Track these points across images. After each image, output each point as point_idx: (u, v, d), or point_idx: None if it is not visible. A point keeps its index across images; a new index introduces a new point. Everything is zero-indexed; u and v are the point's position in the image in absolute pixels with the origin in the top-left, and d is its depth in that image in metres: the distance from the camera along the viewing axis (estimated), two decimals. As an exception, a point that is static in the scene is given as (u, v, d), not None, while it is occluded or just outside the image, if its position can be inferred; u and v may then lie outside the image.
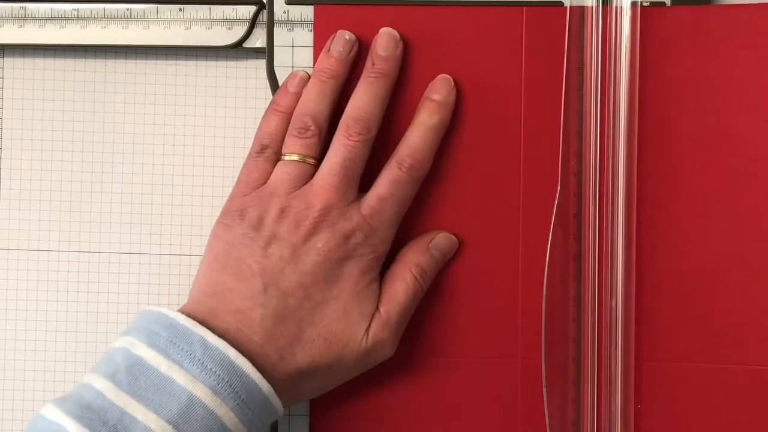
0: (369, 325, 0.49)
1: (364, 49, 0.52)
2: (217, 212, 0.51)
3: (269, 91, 0.53)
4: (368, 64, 0.52)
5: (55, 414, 0.44)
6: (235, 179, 0.51)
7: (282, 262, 0.48)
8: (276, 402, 0.47)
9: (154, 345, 0.46)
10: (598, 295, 0.52)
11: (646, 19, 0.52)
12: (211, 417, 0.45)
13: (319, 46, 0.53)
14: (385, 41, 0.52)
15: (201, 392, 0.45)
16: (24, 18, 0.54)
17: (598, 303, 0.52)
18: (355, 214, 0.49)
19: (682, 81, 0.52)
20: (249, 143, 0.52)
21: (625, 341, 0.52)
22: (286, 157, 0.50)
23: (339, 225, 0.49)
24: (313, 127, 0.50)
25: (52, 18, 0.54)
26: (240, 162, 0.52)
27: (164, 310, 0.47)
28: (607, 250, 0.52)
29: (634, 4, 0.52)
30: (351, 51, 0.52)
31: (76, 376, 0.55)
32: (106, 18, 0.54)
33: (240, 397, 0.45)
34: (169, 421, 0.44)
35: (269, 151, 0.51)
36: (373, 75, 0.51)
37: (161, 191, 0.55)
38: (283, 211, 0.49)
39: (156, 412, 0.44)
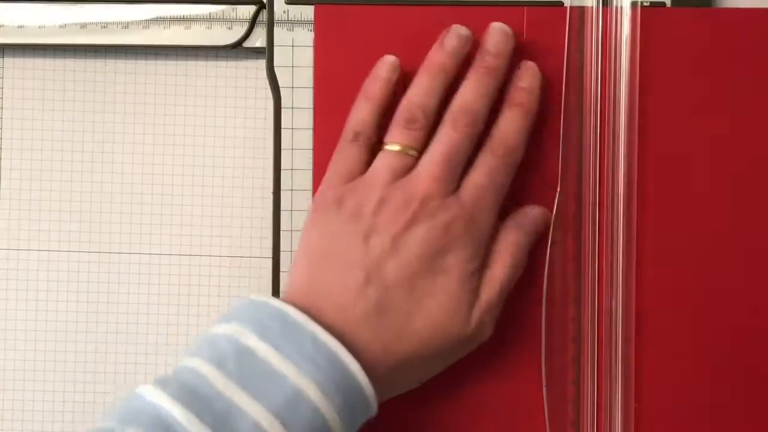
0: (471, 312, 0.49)
1: (366, 48, 0.52)
2: (218, 212, 0.51)
3: (269, 91, 0.53)
4: (479, 57, 0.51)
5: (158, 396, 0.43)
6: (235, 179, 0.51)
7: (383, 254, 0.48)
8: (374, 404, 0.46)
9: (265, 337, 0.45)
10: (598, 295, 0.52)
11: (646, 19, 0.52)
12: (316, 414, 0.44)
13: (319, 46, 0.53)
14: (496, 37, 0.51)
15: (309, 388, 0.44)
16: (24, 18, 0.54)
17: (598, 303, 0.52)
18: (454, 205, 0.48)
19: (681, 81, 0.52)
20: (249, 143, 0.52)
21: (625, 341, 0.52)
22: (389, 147, 0.49)
23: (438, 216, 0.48)
24: (421, 120, 0.49)
25: (52, 18, 0.54)
26: (241, 162, 0.52)
27: (273, 301, 0.46)
28: (607, 249, 0.52)
29: (634, 4, 0.52)
30: (465, 47, 0.51)
31: (77, 376, 0.55)
32: (106, 18, 0.54)
33: (346, 397, 0.45)
34: (276, 414, 0.43)
35: (362, 138, 0.50)
36: (483, 69, 0.50)
37: (161, 191, 0.55)
38: (382, 202, 0.48)
39: (263, 404, 0.43)
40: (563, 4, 0.53)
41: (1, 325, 0.55)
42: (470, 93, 0.50)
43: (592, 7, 0.52)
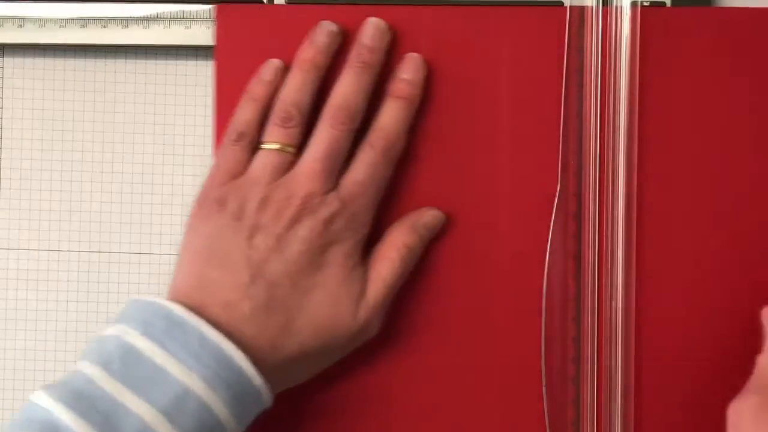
0: (357, 307, 0.49)
1: (270, 48, 0.52)
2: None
3: (269, 91, 0.53)
4: (354, 53, 0.51)
5: (46, 401, 0.44)
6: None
7: (267, 252, 0.48)
8: (266, 396, 0.47)
9: (149, 335, 0.45)
10: (598, 295, 0.52)
11: (646, 19, 0.52)
12: (204, 409, 0.44)
13: (221, 45, 0.53)
14: (372, 31, 0.52)
15: (195, 384, 0.44)
16: (24, 18, 0.54)
17: (598, 303, 0.52)
18: (334, 201, 0.49)
19: (681, 81, 0.52)
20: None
21: (625, 341, 0.52)
22: (266, 146, 0.50)
23: (320, 212, 0.49)
24: (296, 117, 0.50)
25: (52, 18, 0.54)
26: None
27: (159, 300, 0.47)
28: (607, 250, 0.52)
29: (634, 4, 0.52)
30: (334, 42, 0.52)
31: (76, 376, 0.55)
32: (106, 18, 0.54)
33: (234, 391, 0.45)
34: (162, 411, 0.44)
35: (246, 140, 0.51)
36: (359, 65, 0.51)
37: (161, 191, 0.55)
38: (265, 201, 0.49)
39: (149, 402, 0.44)
40: (563, 4, 0.53)
41: (1, 325, 0.55)
42: (347, 89, 0.51)
43: (592, 7, 0.52)
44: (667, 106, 0.52)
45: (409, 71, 0.52)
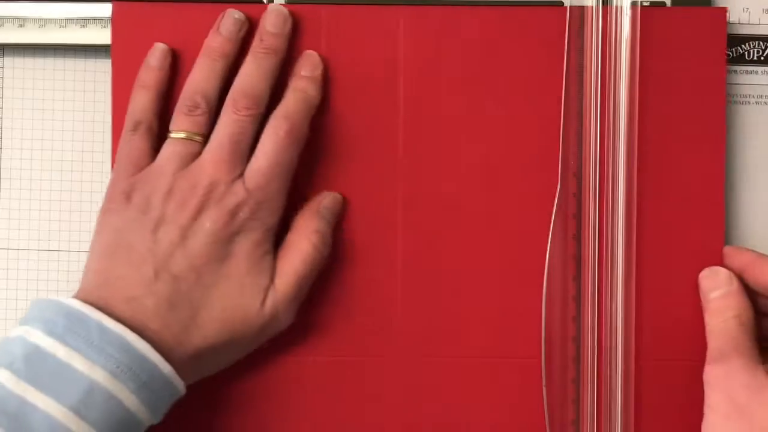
0: (265, 298, 0.49)
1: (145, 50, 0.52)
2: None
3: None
4: (256, 40, 0.51)
5: None
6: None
7: (171, 246, 0.48)
8: (177, 381, 0.46)
9: (51, 332, 0.45)
10: (598, 295, 0.52)
11: (646, 19, 0.52)
12: (112, 401, 0.44)
13: (116, 44, 0.52)
14: (273, 17, 0.51)
15: (101, 377, 0.44)
16: (24, 18, 0.54)
17: (598, 303, 0.52)
18: (240, 189, 0.49)
19: (681, 81, 0.52)
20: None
21: (625, 341, 0.52)
22: (173, 135, 0.50)
23: (225, 201, 0.48)
24: (203, 105, 0.50)
25: (52, 18, 0.54)
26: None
27: (59, 299, 0.46)
28: (607, 250, 0.52)
29: (634, 4, 0.52)
30: (240, 30, 0.51)
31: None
32: (105, 18, 0.54)
33: (141, 379, 0.45)
34: (71, 408, 0.44)
35: (143, 127, 0.50)
36: (262, 51, 0.51)
37: (161, 191, 0.55)
38: (170, 191, 0.49)
39: (56, 399, 0.44)
40: (563, 4, 0.53)
41: (2, 325, 0.55)
42: (249, 74, 0.50)
43: (592, 7, 0.52)
44: (667, 105, 0.52)
45: (307, 68, 0.52)
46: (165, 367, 0.46)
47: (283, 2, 0.53)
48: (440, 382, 0.52)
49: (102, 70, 0.55)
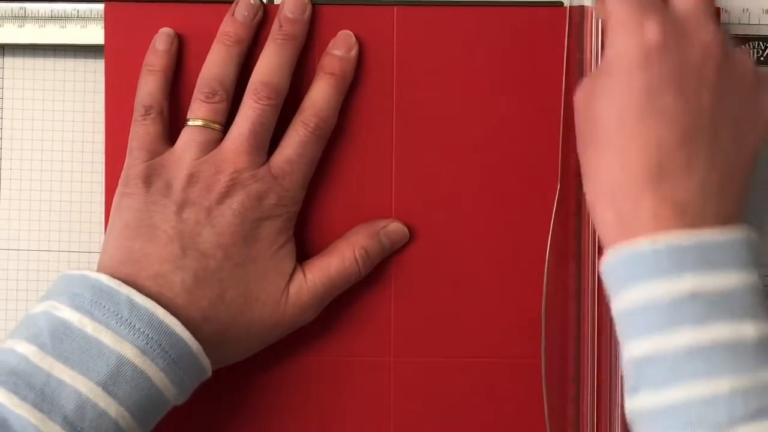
0: (288, 284, 0.49)
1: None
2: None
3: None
4: (275, 26, 0.51)
5: None
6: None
7: (198, 225, 0.48)
8: (205, 361, 0.46)
9: (78, 307, 0.45)
10: (598, 294, 0.52)
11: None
12: (141, 377, 0.44)
13: (110, 44, 0.52)
14: (292, 3, 0.51)
15: (130, 352, 0.44)
16: (24, 18, 0.54)
17: (597, 302, 0.52)
18: (266, 177, 0.49)
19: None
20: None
21: (625, 341, 0.52)
22: (191, 123, 0.50)
23: (252, 187, 0.49)
24: (220, 92, 0.50)
25: (52, 18, 0.54)
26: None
27: (86, 272, 0.46)
28: (607, 249, 0.52)
29: (633, 4, 0.52)
30: (256, 15, 0.51)
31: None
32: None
33: (170, 356, 0.45)
34: (98, 383, 0.44)
35: (154, 112, 0.50)
36: (281, 38, 0.51)
37: (161, 191, 0.55)
38: (192, 177, 0.49)
39: (84, 374, 0.44)
40: (563, 4, 0.53)
41: (2, 325, 0.55)
42: (269, 62, 0.50)
43: (592, 7, 0.52)
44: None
45: (340, 46, 0.51)
46: (193, 343, 0.46)
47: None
48: (440, 382, 0.52)
49: (102, 70, 0.55)
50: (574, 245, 0.52)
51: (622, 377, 0.51)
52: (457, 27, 0.53)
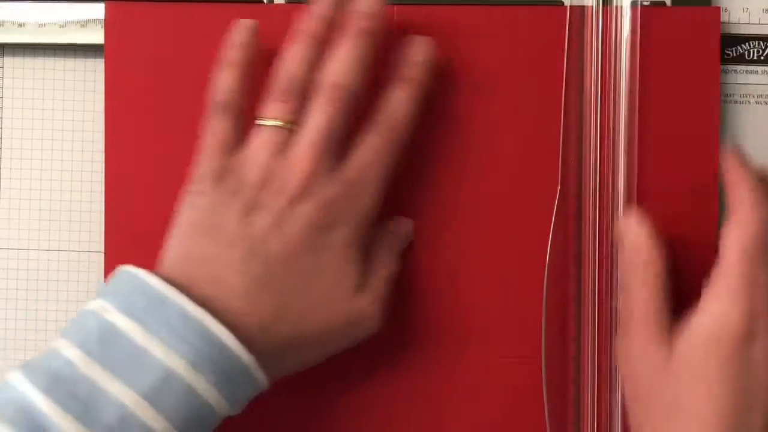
0: (355, 296, 0.48)
1: (159, 47, 0.52)
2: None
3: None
4: (350, 22, 0.48)
5: (23, 384, 0.42)
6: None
7: (266, 230, 0.46)
8: (259, 374, 0.45)
9: (128, 312, 0.43)
10: (598, 294, 0.52)
11: (646, 19, 0.52)
12: (189, 391, 0.43)
13: (110, 44, 0.52)
14: None
15: (179, 365, 0.42)
16: (24, 18, 0.54)
17: (598, 303, 0.52)
18: (338, 182, 0.47)
19: (681, 81, 0.52)
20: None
21: (625, 341, 0.52)
22: (264, 122, 0.48)
23: (323, 193, 0.47)
24: (295, 91, 0.48)
25: (52, 18, 0.54)
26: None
27: (141, 273, 0.44)
28: (607, 250, 0.52)
29: (634, 4, 0.52)
30: (331, 10, 0.49)
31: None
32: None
33: (221, 370, 0.43)
34: (144, 396, 0.42)
35: (231, 108, 0.48)
36: (355, 33, 0.48)
37: (161, 191, 0.55)
38: (264, 179, 0.47)
39: (130, 386, 0.42)
40: (563, 4, 0.53)
41: (1, 325, 0.55)
42: (343, 62, 0.48)
43: (592, 7, 0.52)
44: (666, 105, 0.52)
45: (419, 52, 0.50)
46: (246, 357, 0.44)
47: (284, 2, 0.53)
48: (440, 382, 0.52)
49: (102, 70, 0.55)
50: (575, 246, 0.52)
51: (622, 378, 0.52)
52: (457, 26, 0.53)
